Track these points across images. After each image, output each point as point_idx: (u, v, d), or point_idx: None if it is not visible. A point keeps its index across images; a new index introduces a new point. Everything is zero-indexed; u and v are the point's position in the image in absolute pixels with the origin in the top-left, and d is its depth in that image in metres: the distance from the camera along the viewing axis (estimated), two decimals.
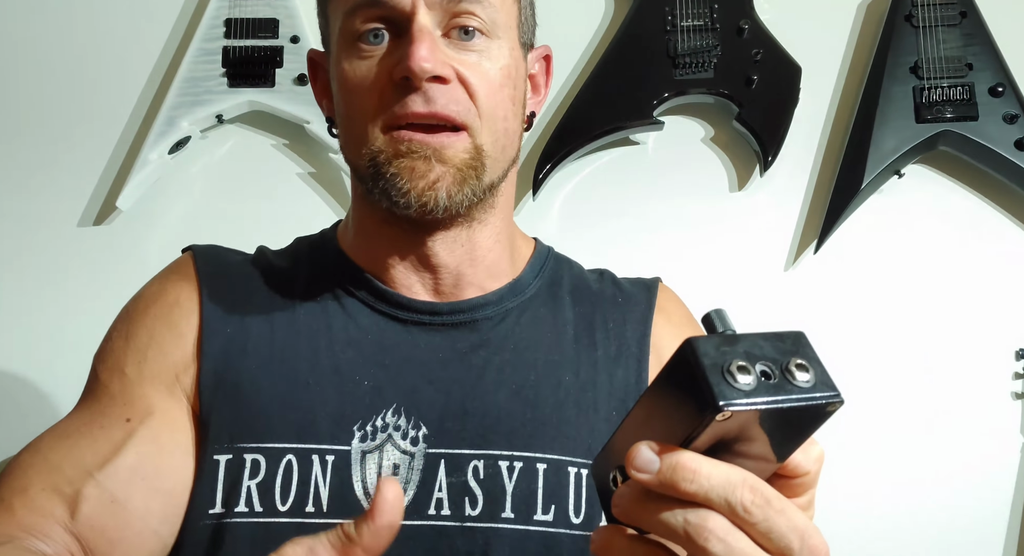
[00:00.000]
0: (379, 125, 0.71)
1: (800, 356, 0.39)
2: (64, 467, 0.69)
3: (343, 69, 0.73)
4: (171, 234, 1.47)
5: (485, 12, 0.72)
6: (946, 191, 1.46)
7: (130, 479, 0.69)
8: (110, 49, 1.52)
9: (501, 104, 0.74)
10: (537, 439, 0.74)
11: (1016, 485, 1.37)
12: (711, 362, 0.38)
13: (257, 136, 1.51)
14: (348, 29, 0.72)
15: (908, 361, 1.41)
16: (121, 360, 0.75)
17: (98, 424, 0.72)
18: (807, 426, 0.40)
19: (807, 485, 0.43)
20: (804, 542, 0.39)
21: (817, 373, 0.39)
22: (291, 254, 0.85)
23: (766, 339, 0.39)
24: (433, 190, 0.70)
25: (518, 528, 0.71)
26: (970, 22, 1.41)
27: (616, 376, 0.79)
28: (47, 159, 1.49)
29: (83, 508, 0.67)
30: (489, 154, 0.73)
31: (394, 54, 0.71)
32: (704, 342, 0.39)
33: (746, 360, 0.38)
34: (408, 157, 0.70)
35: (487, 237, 0.80)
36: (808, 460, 0.42)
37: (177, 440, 0.72)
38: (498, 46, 0.74)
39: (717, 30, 1.44)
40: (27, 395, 1.43)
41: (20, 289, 1.46)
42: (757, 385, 0.37)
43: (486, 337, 0.78)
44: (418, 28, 0.69)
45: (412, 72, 0.68)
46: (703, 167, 1.49)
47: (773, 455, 0.41)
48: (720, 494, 0.39)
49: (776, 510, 0.39)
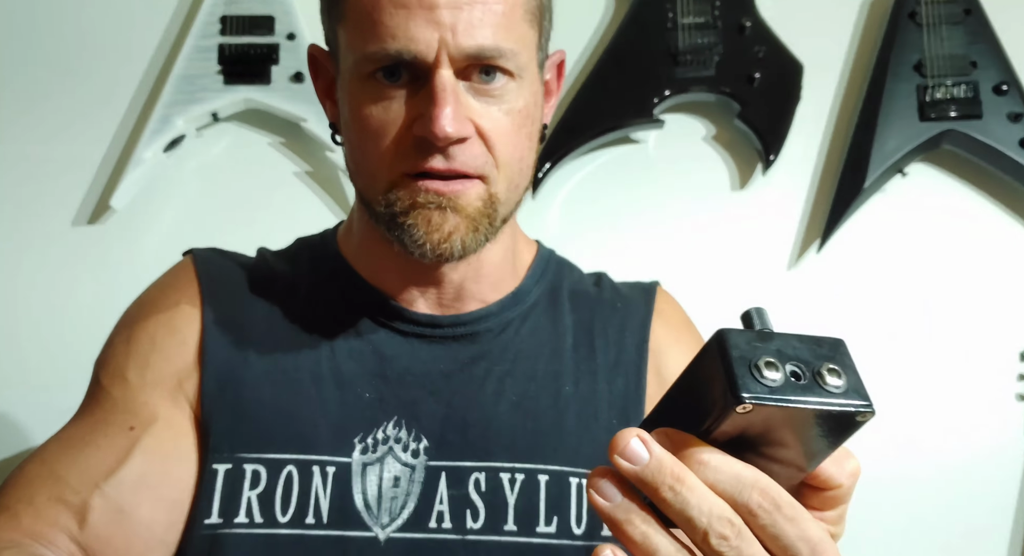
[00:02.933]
0: (396, 172, 0.70)
1: (834, 362, 0.38)
2: (69, 478, 0.69)
3: (358, 106, 0.70)
4: (166, 233, 1.45)
5: (508, 61, 0.69)
6: (950, 190, 1.45)
7: (136, 489, 0.69)
8: (104, 46, 1.51)
9: (518, 148, 0.72)
10: (538, 450, 0.73)
11: (1020, 486, 1.36)
12: (739, 354, 0.37)
13: (253, 134, 1.49)
14: (365, 70, 0.69)
15: (911, 362, 1.40)
16: (123, 366, 0.75)
17: (102, 432, 0.72)
18: (836, 435, 0.39)
19: (839, 499, 0.42)
20: (815, 554, 0.38)
21: (850, 381, 0.38)
22: (292, 257, 0.84)
23: (802, 341, 0.39)
24: (448, 242, 0.70)
25: (521, 540, 0.70)
26: (974, 20, 1.40)
27: (615, 385, 0.79)
28: (40, 158, 1.48)
29: (90, 519, 0.67)
30: (503, 200, 0.72)
31: (413, 103, 0.68)
32: (736, 334, 0.38)
33: (776, 357, 0.37)
34: (425, 208, 0.69)
35: (494, 254, 0.79)
36: (841, 473, 0.41)
37: (181, 447, 0.72)
38: (518, 85, 0.71)
39: (719, 27, 1.42)
40: (22, 394, 1.42)
41: (13, 288, 1.44)
42: (784, 383, 0.37)
43: (487, 348, 0.78)
44: (441, 87, 0.66)
45: (436, 137, 0.66)
46: (704, 166, 1.48)
47: (800, 462, 0.40)
48: (728, 491, 0.38)
49: (786, 517, 0.38)
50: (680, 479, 0.37)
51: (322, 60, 0.79)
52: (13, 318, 1.44)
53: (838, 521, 0.43)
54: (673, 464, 0.38)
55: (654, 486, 0.38)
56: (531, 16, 0.72)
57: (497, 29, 0.68)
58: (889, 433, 1.38)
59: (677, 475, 0.38)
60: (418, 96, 0.68)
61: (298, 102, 1.41)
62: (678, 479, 0.37)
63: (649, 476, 0.38)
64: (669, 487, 0.37)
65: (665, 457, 0.38)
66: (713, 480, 0.38)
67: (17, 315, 1.44)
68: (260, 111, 1.46)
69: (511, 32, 0.69)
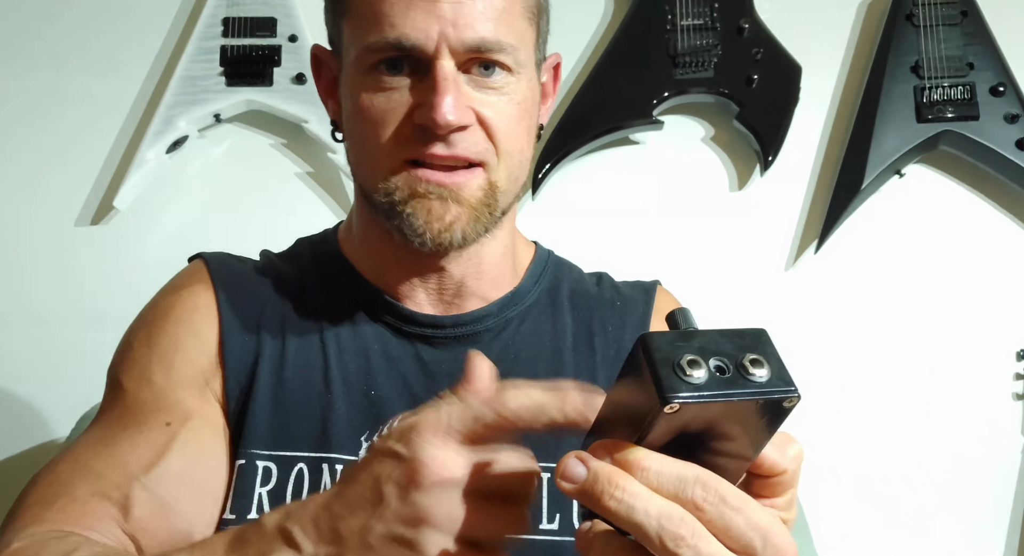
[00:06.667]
0: (397, 160, 0.71)
1: (756, 352, 0.39)
2: (108, 474, 0.67)
3: (360, 97, 0.71)
4: (168, 234, 1.46)
5: (508, 56, 0.70)
6: (947, 191, 1.46)
7: (178, 483, 0.68)
8: (107, 48, 1.51)
9: (518, 138, 0.73)
10: (539, 448, 0.73)
11: (1017, 485, 1.37)
12: (662, 356, 0.38)
13: (255, 135, 1.50)
14: (367, 61, 0.70)
15: (909, 361, 1.41)
16: (147, 369, 0.74)
17: (135, 429, 0.70)
18: (769, 422, 0.40)
19: (786, 484, 0.43)
20: (767, 540, 0.39)
21: (773, 368, 0.39)
22: (295, 258, 0.85)
23: (725, 336, 0.39)
24: (449, 232, 0.70)
25: (524, 537, 0.70)
26: (971, 21, 1.41)
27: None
28: (44, 158, 1.48)
29: (135, 512, 0.66)
30: (503, 189, 0.73)
31: (415, 92, 0.69)
32: (658, 337, 0.39)
33: (699, 354, 0.38)
34: (425, 197, 0.70)
35: (494, 250, 0.80)
36: (785, 459, 0.42)
37: (217, 442, 0.72)
38: (517, 80, 0.72)
39: (717, 29, 1.43)
40: (25, 395, 1.43)
41: (17, 288, 1.45)
42: (708, 379, 0.37)
43: (487, 348, 0.78)
44: (443, 76, 0.67)
45: (437, 124, 0.67)
46: (703, 167, 1.49)
47: (744, 451, 0.41)
48: (671, 491, 0.38)
49: (732, 508, 0.38)
50: (620, 486, 0.38)
51: (325, 59, 0.80)
52: (15, 318, 1.44)
53: (788, 506, 0.44)
54: (611, 473, 0.39)
55: (595, 498, 0.38)
56: (530, 14, 0.73)
57: (498, 23, 0.69)
58: (887, 433, 1.39)
59: (616, 483, 0.38)
60: (419, 86, 0.69)
61: (300, 103, 1.42)
62: (618, 486, 0.38)
63: (588, 489, 0.39)
64: (610, 496, 0.38)
65: (602, 468, 0.39)
66: (656, 483, 0.38)
67: (20, 315, 1.44)
68: (262, 112, 1.47)
69: (511, 27, 0.70)
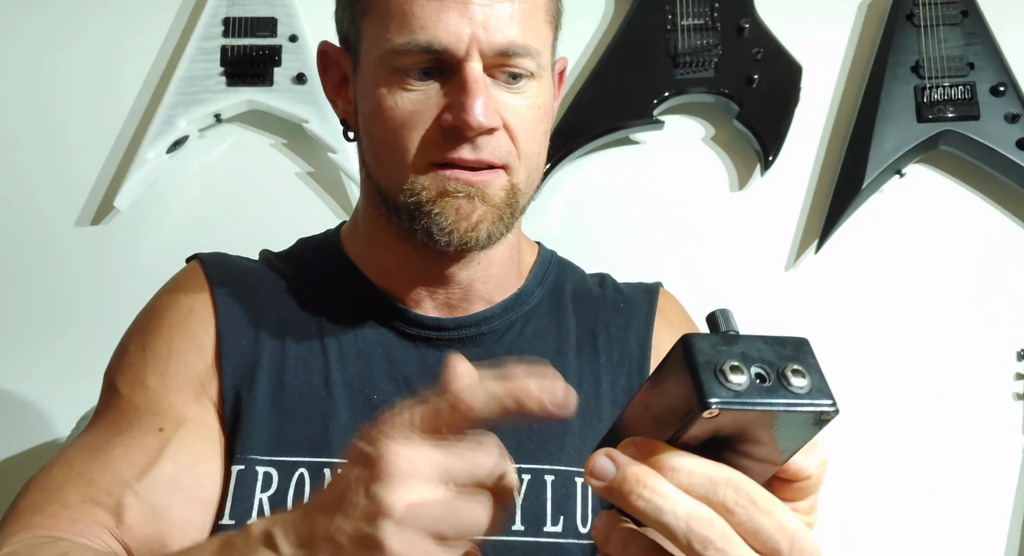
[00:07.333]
0: (422, 162, 0.71)
1: (798, 362, 0.39)
2: (100, 480, 0.67)
3: (383, 98, 0.71)
4: (169, 234, 1.46)
5: (532, 61, 0.71)
6: (947, 191, 1.46)
7: (169, 489, 0.68)
8: (108, 48, 1.51)
9: (537, 141, 0.74)
10: (544, 451, 0.74)
11: (1017, 486, 1.37)
12: (705, 359, 0.37)
13: (255, 135, 1.50)
14: (393, 62, 0.70)
15: (909, 361, 1.41)
16: (141, 373, 0.74)
17: (128, 435, 0.70)
18: (804, 432, 0.40)
19: (809, 489, 0.43)
20: (794, 544, 0.39)
21: (814, 381, 0.38)
22: (296, 259, 0.84)
23: (767, 342, 0.39)
24: (476, 231, 0.71)
25: (528, 540, 0.71)
26: (971, 21, 1.41)
27: (618, 383, 0.80)
28: (44, 158, 1.48)
29: (126, 519, 0.66)
30: (523, 191, 0.74)
31: (443, 95, 0.70)
32: (701, 339, 0.38)
33: (741, 361, 0.38)
34: (453, 196, 0.70)
35: (501, 253, 0.80)
36: (810, 464, 0.42)
37: (211, 448, 0.72)
38: (539, 85, 0.73)
39: (718, 29, 1.43)
40: (25, 395, 1.43)
41: (17, 289, 1.45)
42: (749, 386, 0.37)
43: (491, 350, 0.78)
44: (473, 79, 0.68)
45: (469, 126, 0.67)
46: (703, 167, 1.49)
47: (773, 457, 0.41)
48: (701, 492, 0.38)
49: (762, 511, 0.38)
50: (649, 486, 0.38)
51: (334, 56, 0.79)
52: (16, 318, 1.44)
53: (811, 511, 0.44)
54: (640, 472, 0.38)
55: (624, 496, 0.38)
56: (551, 18, 0.74)
57: (525, 27, 0.70)
58: (887, 432, 1.39)
59: (645, 482, 0.38)
60: (447, 88, 0.69)
61: (300, 103, 1.42)
62: (647, 486, 0.38)
63: (616, 487, 0.38)
64: (638, 495, 0.38)
65: (631, 467, 0.38)
66: (687, 484, 0.38)
67: (20, 315, 1.44)
68: (262, 112, 1.47)
69: (537, 31, 0.71)
